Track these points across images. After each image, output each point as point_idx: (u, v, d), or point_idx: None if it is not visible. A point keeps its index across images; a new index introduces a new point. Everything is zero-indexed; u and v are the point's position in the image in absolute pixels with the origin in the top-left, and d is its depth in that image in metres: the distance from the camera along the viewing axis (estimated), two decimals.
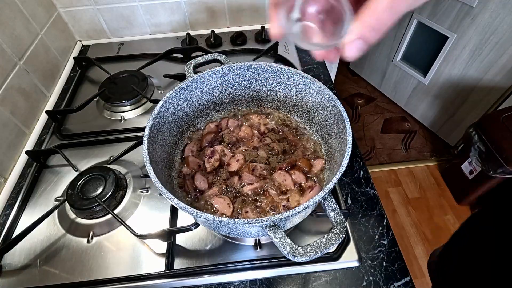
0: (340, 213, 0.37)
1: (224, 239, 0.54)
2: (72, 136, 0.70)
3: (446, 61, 1.58)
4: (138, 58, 0.90)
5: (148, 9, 0.92)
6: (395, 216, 1.55)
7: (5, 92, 0.66)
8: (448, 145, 1.80)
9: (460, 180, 1.48)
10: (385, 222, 0.56)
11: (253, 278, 0.50)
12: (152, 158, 0.41)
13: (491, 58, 1.39)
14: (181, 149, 0.54)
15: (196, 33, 0.97)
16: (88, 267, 0.51)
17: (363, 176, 0.63)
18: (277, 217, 0.34)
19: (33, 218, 0.53)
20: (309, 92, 0.51)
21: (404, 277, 0.50)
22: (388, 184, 1.69)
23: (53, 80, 0.83)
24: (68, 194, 0.55)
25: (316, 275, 0.50)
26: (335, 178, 0.37)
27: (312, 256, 0.34)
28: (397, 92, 2.00)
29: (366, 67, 2.16)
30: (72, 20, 0.92)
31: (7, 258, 0.52)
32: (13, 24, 0.70)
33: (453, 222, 1.52)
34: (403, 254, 0.51)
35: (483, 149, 1.24)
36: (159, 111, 0.46)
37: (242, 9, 0.95)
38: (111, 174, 0.58)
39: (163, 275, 0.50)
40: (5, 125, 0.65)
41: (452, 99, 1.66)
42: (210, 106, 0.57)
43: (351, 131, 0.41)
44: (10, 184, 0.63)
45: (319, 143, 0.54)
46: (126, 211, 0.57)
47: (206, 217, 0.34)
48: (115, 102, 0.75)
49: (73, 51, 0.94)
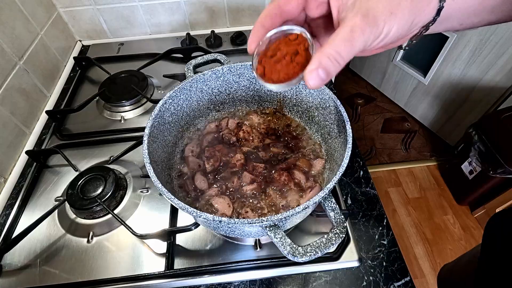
0: (340, 213, 0.37)
1: (224, 239, 0.54)
2: (72, 136, 0.71)
3: (446, 61, 1.58)
4: (138, 58, 0.90)
5: (148, 9, 0.92)
6: (395, 216, 1.55)
7: (5, 92, 0.66)
8: (448, 145, 1.80)
9: (460, 180, 1.48)
10: (385, 222, 0.56)
11: (253, 278, 0.50)
12: (152, 158, 0.41)
13: (491, 58, 1.39)
14: (181, 149, 0.54)
15: (196, 33, 0.97)
16: (88, 267, 0.51)
17: (363, 176, 0.63)
18: (277, 217, 0.34)
19: (33, 218, 0.53)
20: (309, 92, 0.51)
21: (404, 277, 0.50)
22: (388, 184, 1.69)
23: (53, 80, 0.83)
24: (68, 194, 0.55)
25: (316, 275, 0.50)
26: (335, 178, 0.37)
27: (312, 256, 0.34)
28: (397, 92, 2.00)
29: (366, 67, 2.16)
30: (72, 20, 0.92)
31: (7, 258, 0.52)
32: (13, 24, 0.70)
33: (453, 222, 1.52)
34: (403, 254, 0.50)
35: (483, 149, 1.24)
36: (159, 111, 0.46)
37: (242, 9, 0.96)
38: (111, 174, 0.58)
39: (163, 275, 0.50)
40: (5, 125, 0.65)
41: (452, 99, 1.66)
42: (210, 106, 0.57)
43: (351, 131, 0.41)
44: (10, 184, 0.63)
45: (319, 143, 0.54)
46: (126, 211, 0.57)
47: (206, 217, 0.34)
48: (115, 102, 0.75)
49: (73, 51, 0.94)
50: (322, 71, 0.25)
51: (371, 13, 0.24)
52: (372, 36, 0.24)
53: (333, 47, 0.24)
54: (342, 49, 0.24)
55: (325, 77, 0.25)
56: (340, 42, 0.24)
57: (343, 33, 0.24)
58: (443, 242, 1.46)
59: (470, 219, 1.52)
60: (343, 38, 0.24)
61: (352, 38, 0.24)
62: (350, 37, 0.24)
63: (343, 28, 0.24)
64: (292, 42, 0.30)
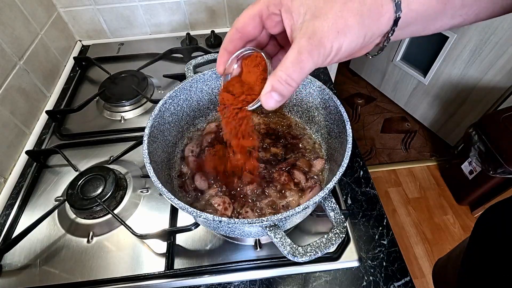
0: (340, 213, 0.37)
1: (224, 239, 0.54)
2: (72, 136, 0.71)
3: (446, 61, 1.58)
4: (138, 58, 0.90)
5: (148, 9, 0.92)
6: (395, 216, 1.55)
7: (5, 92, 0.66)
8: (448, 145, 1.80)
9: (460, 180, 1.48)
10: (385, 222, 0.56)
11: (253, 278, 0.50)
12: (152, 158, 0.41)
13: (491, 58, 1.39)
14: (181, 149, 0.54)
15: (196, 33, 0.97)
16: (88, 267, 0.51)
17: (363, 176, 0.63)
18: (277, 217, 0.34)
19: (33, 218, 0.53)
20: (309, 92, 0.51)
21: (404, 277, 0.50)
22: (388, 184, 1.69)
23: (53, 80, 0.83)
24: (68, 194, 0.55)
25: (316, 275, 0.50)
26: (335, 178, 0.37)
27: (312, 256, 0.34)
28: (397, 92, 2.00)
29: (366, 67, 2.16)
30: (72, 20, 0.92)
31: (7, 258, 0.52)
32: (13, 24, 0.70)
33: (453, 222, 1.52)
34: (403, 254, 0.50)
35: (483, 149, 1.24)
36: (159, 111, 0.46)
37: (242, 9, 0.95)
38: (111, 174, 0.58)
39: (163, 275, 0.50)
40: (5, 125, 0.65)
41: (452, 99, 1.66)
42: (210, 106, 0.57)
43: (351, 131, 0.41)
44: (10, 184, 0.63)
45: (319, 143, 0.54)
46: (126, 211, 0.57)
47: (206, 217, 0.34)
48: (115, 102, 0.75)
49: (73, 51, 0.94)
50: (275, 94, 0.26)
51: (317, 34, 0.24)
52: (322, 57, 0.24)
53: (284, 70, 0.25)
54: (291, 72, 0.25)
55: (280, 99, 0.26)
56: (289, 65, 0.25)
57: (292, 56, 0.24)
58: (443, 242, 1.46)
59: (470, 219, 1.52)
60: (292, 61, 0.24)
61: (301, 60, 0.24)
62: (298, 60, 0.24)
63: (292, 51, 0.24)
64: (251, 69, 0.33)
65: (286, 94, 0.26)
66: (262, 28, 0.30)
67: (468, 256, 0.53)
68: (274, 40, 0.34)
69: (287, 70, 0.25)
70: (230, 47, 0.32)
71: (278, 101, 0.26)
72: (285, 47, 0.34)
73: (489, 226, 0.50)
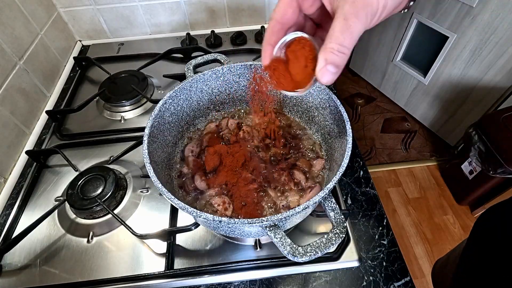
0: (340, 213, 0.37)
1: (224, 239, 0.54)
2: (72, 136, 0.70)
3: (446, 61, 1.58)
4: (138, 58, 0.90)
5: (148, 9, 0.92)
6: (395, 216, 1.55)
7: (5, 92, 0.66)
8: (448, 145, 1.80)
9: (460, 180, 1.48)
10: (385, 222, 0.56)
11: (253, 278, 0.50)
12: (152, 158, 0.41)
13: (491, 58, 1.39)
14: (181, 149, 0.54)
15: (196, 33, 0.97)
16: (88, 267, 0.51)
17: (363, 176, 0.63)
18: (277, 217, 0.34)
19: (33, 218, 0.53)
20: (309, 92, 0.51)
21: (404, 277, 0.50)
22: (388, 184, 1.69)
23: (53, 80, 0.83)
24: (68, 194, 0.55)
25: (316, 275, 0.50)
26: (335, 178, 0.37)
27: (312, 256, 0.34)
28: (397, 92, 2.00)
29: (366, 67, 2.16)
30: (72, 20, 0.92)
31: (7, 258, 0.52)
32: (13, 24, 0.70)
33: (453, 222, 1.52)
34: (403, 254, 0.50)
35: (483, 149, 1.24)
36: (159, 111, 0.46)
37: (241, 9, 0.96)
38: (111, 174, 0.58)
39: (163, 275, 0.50)
40: (5, 125, 0.65)
41: (452, 99, 1.66)
42: (210, 106, 0.57)
43: (351, 131, 0.41)
44: (10, 184, 0.63)
45: (319, 143, 0.54)
46: (126, 211, 0.57)
47: (206, 217, 0.34)
48: (115, 102, 0.75)
49: (73, 51, 0.94)
50: (330, 66, 0.26)
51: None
52: (370, 16, 0.25)
53: (334, 40, 0.25)
54: (342, 40, 0.25)
55: (336, 70, 0.26)
56: (338, 34, 0.24)
57: (339, 25, 0.24)
58: (443, 242, 1.46)
59: (470, 219, 1.52)
60: (340, 29, 0.24)
61: (349, 26, 0.24)
62: (347, 25, 0.24)
63: (337, 20, 0.24)
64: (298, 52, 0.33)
65: (340, 64, 0.26)
66: (299, 11, 0.31)
67: (467, 256, 0.53)
68: (310, 21, 0.34)
69: (337, 39, 0.25)
70: (273, 40, 0.32)
71: (334, 72, 0.26)
72: (323, 24, 0.34)
73: (489, 227, 0.50)
